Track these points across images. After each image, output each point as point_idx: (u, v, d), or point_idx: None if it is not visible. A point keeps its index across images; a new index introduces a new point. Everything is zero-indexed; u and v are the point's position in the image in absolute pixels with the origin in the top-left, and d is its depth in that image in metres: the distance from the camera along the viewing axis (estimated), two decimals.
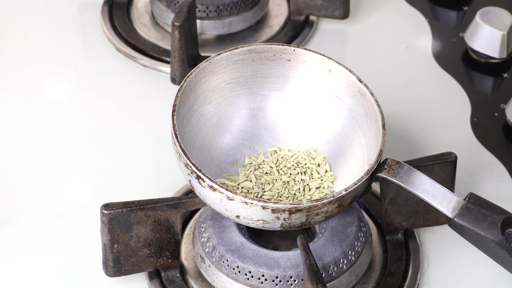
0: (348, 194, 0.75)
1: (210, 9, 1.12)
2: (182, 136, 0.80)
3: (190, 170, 0.75)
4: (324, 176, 0.84)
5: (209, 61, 0.82)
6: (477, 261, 0.87)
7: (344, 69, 0.83)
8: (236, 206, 0.74)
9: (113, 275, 0.82)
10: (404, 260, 0.86)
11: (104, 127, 1.03)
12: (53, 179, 0.96)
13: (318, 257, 0.80)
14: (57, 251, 0.88)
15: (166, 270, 0.84)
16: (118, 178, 0.96)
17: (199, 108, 0.84)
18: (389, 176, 0.76)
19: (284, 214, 0.74)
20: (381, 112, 0.80)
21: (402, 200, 0.85)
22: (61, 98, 1.09)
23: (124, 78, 1.10)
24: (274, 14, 1.18)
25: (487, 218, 0.72)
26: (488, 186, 0.96)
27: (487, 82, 1.09)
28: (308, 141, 0.87)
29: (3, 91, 1.08)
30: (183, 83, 0.80)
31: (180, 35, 1.02)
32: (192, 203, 0.81)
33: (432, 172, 0.84)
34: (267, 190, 0.83)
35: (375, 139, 0.80)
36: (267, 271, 0.79)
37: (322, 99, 0.86)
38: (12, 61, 1.12)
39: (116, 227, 0.80)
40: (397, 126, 1.03)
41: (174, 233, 0.82)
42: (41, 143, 1.00)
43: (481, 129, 1.02)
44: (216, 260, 0.81)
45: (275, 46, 0.83)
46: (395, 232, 0.88)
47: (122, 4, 1.19)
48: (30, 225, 0.90)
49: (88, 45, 1.15)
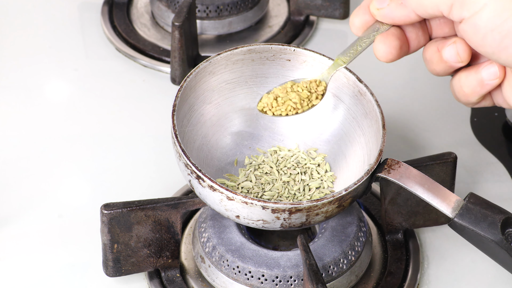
0: (348, 194, 0.75)
1: (210, 9, 1.12)
2: (182, 136, 0.80)
3: (190, 170, 0.75)
4: (324, 176, 0.84)
5: (209, 61, 0.82)
6: (477, 261, 0.87)
7: (344, 69, 0.83)
8: (236, 206, 0.74)
9: (113, 275, 0.82)
10: (404, 260, 0.86)
11: (104, 127, 1.03)
12: (53, 179, 0.96)
13: (318, 257, 0.80)
14: (57, 251, 0.88)
15: (166, 270, 0.84)
16: (118, 178, 0.96)
17: (199, 108, 0.84)
18: (389, 176, 0.76)
19: (284, 214, 0.74)
20: (381, 112, 0.80)
21: (402, 200, 0.85)
22: (61, 98, 1.09)
23: (124, 78, 1.10)
24: (274, 14, 1.18)
25: (487, 218, 0.72)
26: (488, 186, 0.96)
27: None
28: (308, 141, 0.87)
29: (3, 91, 1.08)
30: (183, 83, 0.80)
31: (180, 35, 1.02)
32: (192, 203, 0.81)
33: (432, 172, 0.84)
34: (267, 190, 0.83)
35: (375, 139, 0.80)
36: (267, 271, 0.79)
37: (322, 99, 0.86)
38: (12, 61, 1.12)
39: (116, 227, 0.80)
40: (397, 126, 1.03)
41: (174, 233, 0.82)
42: (41, 143, 1.00)
43: (481, 129, 1.02)
44: (216, 260, 0.81)
45: (275, 46, 0.83)
46: (395, 232, 0.88)
47: (122, 4, 1.19)
48: (30, 225, 0.90)
49: (88, 45, 1.15)
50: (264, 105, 0.80)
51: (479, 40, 0.69)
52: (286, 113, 0.79)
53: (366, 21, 0.75)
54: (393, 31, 0.74)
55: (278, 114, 0.80)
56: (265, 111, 0.80)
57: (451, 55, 0.72)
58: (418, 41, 0.75)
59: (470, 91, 0.73)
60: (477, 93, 0.73)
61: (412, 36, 0.75)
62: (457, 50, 0.72)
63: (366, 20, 0.75)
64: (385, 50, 0.74)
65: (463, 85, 0.73)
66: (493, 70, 0.72)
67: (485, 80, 0.72)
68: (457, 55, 0.72)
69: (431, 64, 0.74)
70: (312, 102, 0.80)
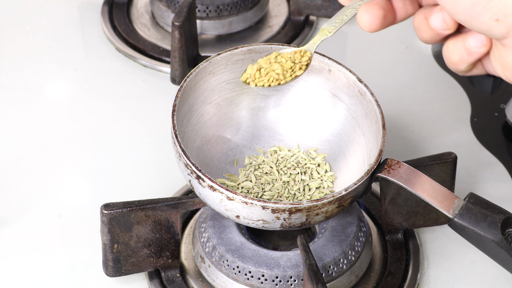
0: (348, 194, 0.75)
1: (210, 9, 1.12)
2: (182, 136, 0.80)
3: (190, 170, 0.75)
4: (324, 176, 0.84)
5: (209, 61, 0.82)
6: (477, 261, 0.87)
7: (344, 69, 0.83)
8: (236, 206, 0.74)
9: (113, 275, 0.82)
10: (404, 260, 0.86)
11: (104, 127, 1.03)
12: (53, 179, 0.96)
13: (318, 257, 0.80)
14: (57, 251, 0.88)
15: (166, 270, 0.84)
16: (118, 178, 0.96)
17: (199, 108, 0.84)
18: (389, 176, 0.76)
19: (284, 214, 0.74)
20: (381, 112, 0.80)
21: (402, 200, 0.85)
22: (61, 98, 1.09)
23: (124, 78, 1.10)
24: (274, 14, 1.19)
25: (487, 218, 0.72)
26: (488, 186, 0.96)
27: (487, 82, 1.09)
28: (308, 141, 0.87)
29: (3, 91, 1.08)
30: (183, 83, 0.80)
31: (180, 35, 1.02)
32: (192, 203, 0.81)
33: (432, 172, 0.84)
34: (267, 190, 0.83)
35: (375, 139, 0.80)
36: (267, 271, 0.79)
37: (322, 99, 0.86)
38: (12, 61, 1.12)
39: (116, 227, 0.80)
40: (397, 126, 1.03)
41: (174, 233, 0.82)
42: (41, 143, 1.00)
43: (481, 129, 1.02)
44: (216, 260, 0.81)
45: (275, 46, 0.83)
46: (395, 232, 0.88)
47: (122, 4, 1.19)
48: (30, 225, 0.90)
49: (88, 45, 1.16)
50: (248, 76, 0.80)
51: (452, 8, 0.69)
52: (269, 84, 0.79)
53: None
54: (378, 0, 0.74)
55: (260, 85, 0.79)
56: (248, 82, 0.80)
57: (438, 22, 0.72)
58: (405, 10, 0.75)
59: (458, 59, 0.73)
60: (465, 61, 0.73)
61: (398, 5, 0.75)
62: (443, 17, 0.72)
63: None
64: (368, 20, 0.74)
65: (451, 53, 0.73)
66: (479, 37, 0.72)
67: (472, 48, 0.72)
68: (443, 22, 0.72)
69: (420, 32, 0.74)
70: (296, 73, 0.80)
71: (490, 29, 0.68)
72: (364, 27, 0.74)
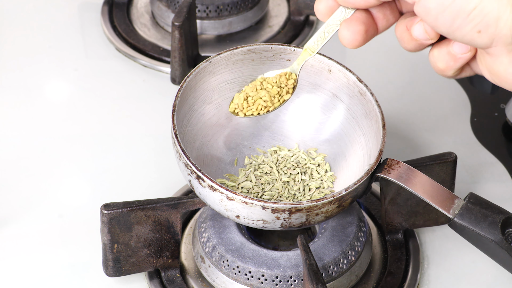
0: (348, 194, 0.75)
1: (210, 9, 1.12)
2: (182, 136, 0.80)
3: (190, 170, 0.75)
4: (324, 176, 0.84)
5: (209, 61, 0.82)
6: (477, 261, 0.87)
7: (344, 69, 0.83)
8: (236, 206, 0.74)
9: (113, 275, 0.82)
10: (404, 260, 0.86)
11: (104, 127, 1.03)
12: (53, 179, 0.96)
13: (318, 257, 0.80)
14: (57, 251, 0.88)
15: (166, 270, 0.84)
16: (118, 178, 0.96)
17: (199, 108, 0.84)
18: (389, 176, 0.76)
19: (284, 214, 0.74)
20: (381, 112, 0.80)
21: (402, 200, 0.85)
22: (61, 98, 1.09)
23: (124, 78, 1.10)
24: (274, 14, 1.18)
25: (487, 218, 0.72)
26: (488, 186, 0.96)
27: (487, 82, 1.09)
28: (308, 141, 0.87)
29: (3, 91, 1.08)
30: (183, 83, 0.80)
31: (180, 35, 1.02)
32: (192, 203, 0.81)
33: (432, 172, 0.84)
34: (267, 190, 0.83)
35: (375, 139, 0.80)
36: (267, 271, 0.79)
37: (322, 99, 0.86)
38: (12, 61, 1.12)
39: (116, 227, 0.80)
40: (397, 126, 1.03)
41: (174, 233, 0.82)
42: (41, 143, 1.00)
43: (481, 129, 1.02)
44: (216, 260, 0.81)
45: (275, 46, 0.83)
46: (395, 232, 0.88)
47: (122, 4, 1.19)
48: (30, 225, 0.90)
49: (88, 45, 1.16)
50: (236, 106, 0.80)
51: (432, 21, 0.68)
52: (258, 112, 0.79)
53: (330, 6, 0.75)
54: (357, 15, 0.74)
55: (249, 114, 0.80)
56: (237, 113, 0.80)
57: (420, 33, 0.72)
58: (386, 20, 0.75)
59: (445, 66, 0.73)
60: (452, 67, 0.73)
61: (379, 16, 0.74)
62: (425, 28, 0.72)
63: (330, 5, 0.75)
64: (350, 37, 0.74)
65: (437, 60, 0.73)
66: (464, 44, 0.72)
67: (457, 54, 0.72)
68: (425, 32, 0.72)
69: (403, 42, 0.74)
70: (283, 97, 0.80)
71: (473, 40, 0.68)
72: (347, 44, 0.74)
